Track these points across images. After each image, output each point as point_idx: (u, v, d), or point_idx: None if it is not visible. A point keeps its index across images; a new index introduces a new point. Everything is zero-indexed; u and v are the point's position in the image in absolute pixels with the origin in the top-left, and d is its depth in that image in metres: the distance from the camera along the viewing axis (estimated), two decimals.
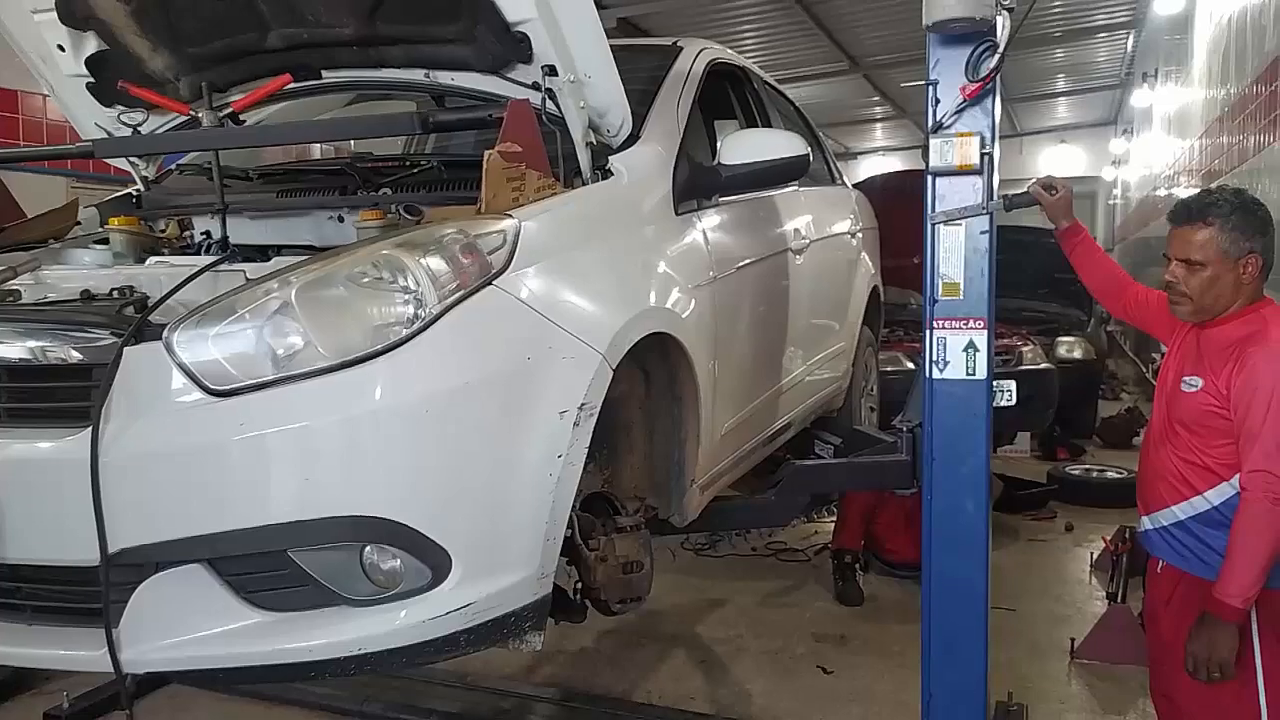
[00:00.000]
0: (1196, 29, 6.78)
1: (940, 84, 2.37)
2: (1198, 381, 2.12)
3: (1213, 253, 2.08)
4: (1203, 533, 2.13)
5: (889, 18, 9.66)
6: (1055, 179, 2.50)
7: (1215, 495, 2.10)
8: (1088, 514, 5.58)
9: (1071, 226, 2.50)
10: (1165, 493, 2.19)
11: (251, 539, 1.63)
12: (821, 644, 3.84)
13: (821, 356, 3.62)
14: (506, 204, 1.92)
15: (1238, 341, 2.07)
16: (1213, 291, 2.10)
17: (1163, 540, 2.22)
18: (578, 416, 1.82)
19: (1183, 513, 2.16)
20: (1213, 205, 2.09)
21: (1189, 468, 2.14)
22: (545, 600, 1.85)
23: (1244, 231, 2.07)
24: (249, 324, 1.65)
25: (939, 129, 2.37)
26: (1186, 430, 2.14)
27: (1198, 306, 2.13)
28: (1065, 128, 17.51)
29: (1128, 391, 9.74)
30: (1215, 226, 2.08)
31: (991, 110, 2.37)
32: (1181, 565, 2.18)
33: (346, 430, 1.63)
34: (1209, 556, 2.10)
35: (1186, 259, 2.11)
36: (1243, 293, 2.11)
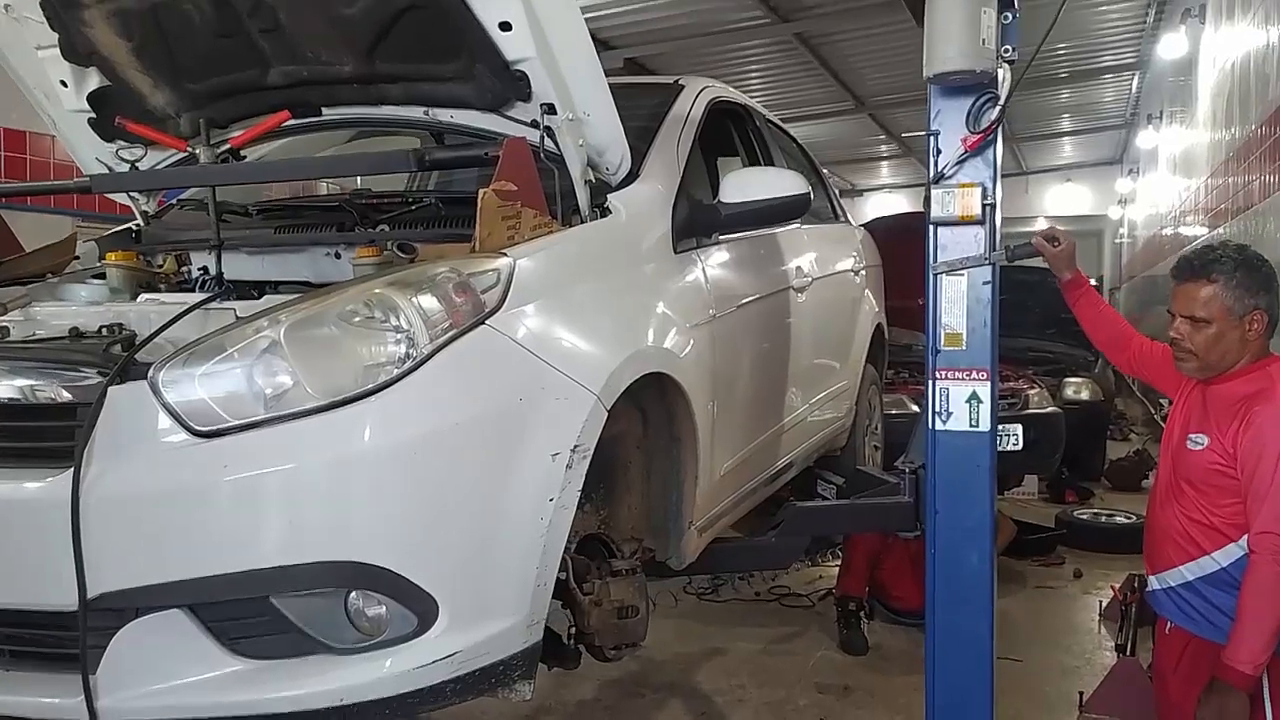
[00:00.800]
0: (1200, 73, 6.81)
1: (942, 134, 2.38)
2: (1204, 439, 2.09)
3: (1217, 309, 2.07)
4: (1211, 594, 2.08)
5: (893, 59, 9.72)
6: (1058, 230, 2.50)
7: (1223, 556, 2.07)
8: (1096, 560, 5.50)
9: (1074, 278, 2.48)
10: (1172, 552, 2.15)
11: (234, 585, 1.59)
12: (825, 695, 3.75)
13: (824, 395, 3.59)
14: (501, 242, 1.90)
15: (1244, 399, 2.05)
16: (1219, 348, 2.08)
17: (1170, 601, 2.17)
18: (570, 459, 1.79)
19: (1190, 573, 2.12)
20: (1216, 262, 2.08)
21: (1196, 527, 2.10)
22: (535, 648, 1.80)
23: (1248, 288, 2.06)
24: (237, 363, 1.63)
25: (941, 179, 2.38)
26: (1193, 489, 2.11)
27: (1204, 363, 2.11)
28: (1071, 166, 17.57)
29: (1136, 432, 9.66)
30: (1219, 283, 2.07)
31: (993, 161, 2.37)
32: (1190, 627, 2.13)
33: (333, 473, 1.60)
34: (1217, 619, 2.06)
35: (1191, 315, 2.10)
36: (1248, 349, 2.09)
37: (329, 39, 2.20)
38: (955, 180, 2.36)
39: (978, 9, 2.20)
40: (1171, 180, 9.01)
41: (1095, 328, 2.52)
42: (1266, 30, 4.12)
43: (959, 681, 2.42)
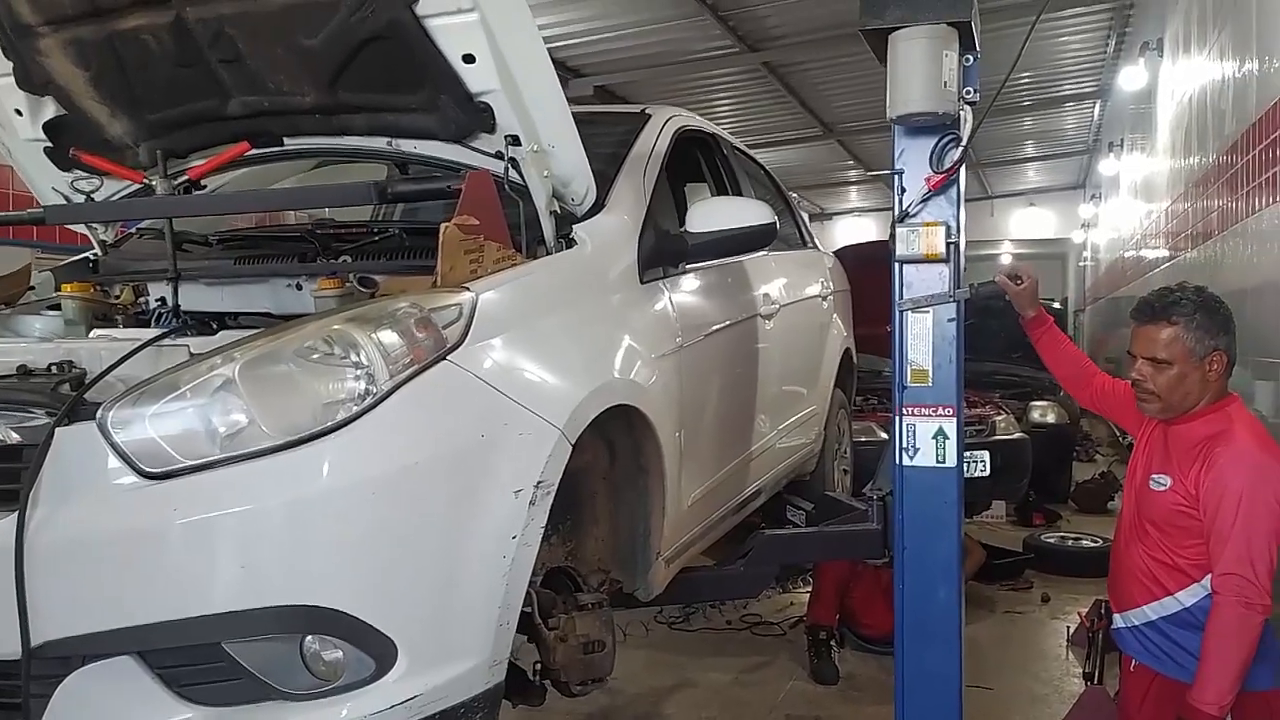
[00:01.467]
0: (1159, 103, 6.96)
1: (906, 173, 2.41)
2: (1166, 480, 2.11)
3: (1178, 351, 2.09)
4: (1175, 633, 2.10)
5: (859, 87, 9.86)
6: (1020, 267, 2.53)
7: (1187, 596, 2.08)
8: (1064, 584, 5.52)
9: (1037, 316, 2.52)
10: (1137, 592, 2.17)
11: (185, 631, 1.54)
12: None
13: (793, 421, 3.58)
14: (464, 276, 1.88)
15: (1205, 440, 2.07)
16: (1180, 389, 2.11)
17: (1135, 640, 2.19)
18: (534, 495, 1.76)
19: (1154, 613, 2.14)
20: (1175, 305, 2.11)
21: (1160, 567, 2.12)
22: (498, 689, 1.77)
23: (1208, 330, 2.09)
24: (190, 402, 1.59)
25: (905, 218, 2.39)
26: (1156, 529, 2.13)
27: (1166, 404, 2.13)
28: (1035, 191, 17.89)
29: (1101, 454, 9.75)
30: (1180, 325, 2.09)
31: (956, 200, 2.40)
32: (1154, 665, 2.14)
33: (288, 515, 1.56)
34: (1182, 657, 2.07)
35: (1153, 357, 2.12)
36: (1209, 390, 2.11)
37: (290, 69, 2.18)
38: (920, 219, 2.39)
39: (939, 52, 2.24)
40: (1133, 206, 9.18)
41: (1057, 364, 2.55)
42: (1221, 65, 4.22)
43: (928, 716, 2.42)
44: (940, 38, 2.25)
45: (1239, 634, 1.95)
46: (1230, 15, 4.02)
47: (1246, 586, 1.95)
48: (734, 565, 2.93)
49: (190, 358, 1.72)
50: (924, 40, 2.24)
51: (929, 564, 2.43)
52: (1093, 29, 9.18)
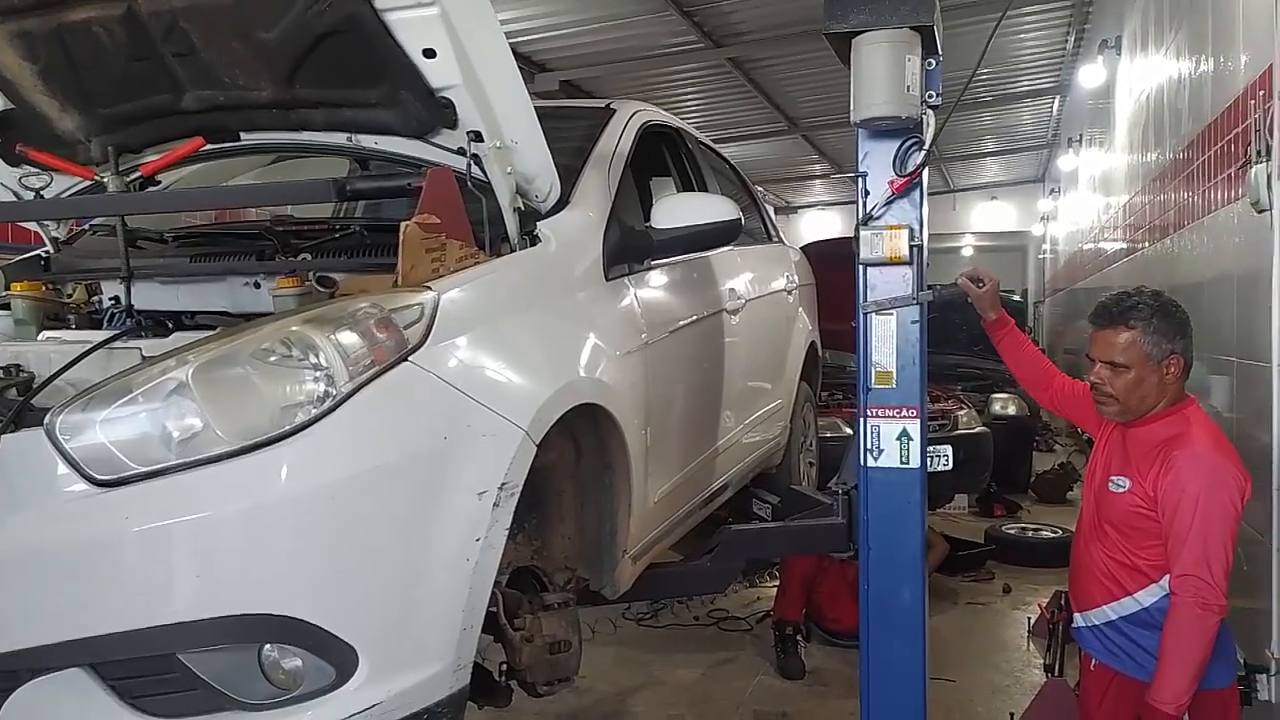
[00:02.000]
0: (1117, 101, 7.05)
1: (870, 176, 2.42)
2: (1125, 482, 2.14)
3: (1136, 355, 2.11)
4: (1134, 633, 2.13)
5: (823, 83, 9.88)
6: (982, 271, 2.56)
7: (1146, 596, 2.11)
8: (1025, 574, 5.61)
9: (999, 318, 2.54)
10: (1096, 592, 2.19)
11: (138, 642, 1.51)
12: None
13: (759, 415, 3.58)
14: (426, 275, 1.85)
15: (1163, 443, 2.09)
16: (1138, 393, 2.13)
17: (1095, 639, 2.22)
18: (498, 497, 1.74)
19: (1114, 612, 2.17)
20: (1133, 309, 2.13)
21: (1119, 568, 2.15)
22: (462, 693, 1.74)
23: (1165, 334, 2.11)
24: (142, 407, 1.55)
25: (869, 220, 2.40)
26: (1115, 530, 2.15)
27: (1124, 407, 2.16)
28: (996, 185, 18.07)
29: (1060, 444, 9.91)
30: (1137, 329, 2.12)
31: (919, 203, 2.42)
32: (1114, 664, 2.17)
33: (245, 521, 1.53)
34: (1141, 657, 2.10)
35: (1111, 361, 2.15)
36: (1166, 393, 2.14)
37: (247, 64, 2.13)
38: (883, 222, 2.40)
39: (902, 56, 2.25)
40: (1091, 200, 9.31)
41: (1018, 366, 2.58)
42: (1178, 65, 4.28)
43: (893, 710, 2.44)
44: (903, 42, 2.26)
45: (1196, 634, 1.97)
46: (1187, 15, 4.08)
47: (1203, 588, 1.97)
48: (700, 561, 2.93)
49: (143, 360, 1.68)
50: (887, 45, 2.26)
51: (893, 563, 2.44)
52: (1052, 26, 9.28)
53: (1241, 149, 2.77)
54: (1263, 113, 2.54)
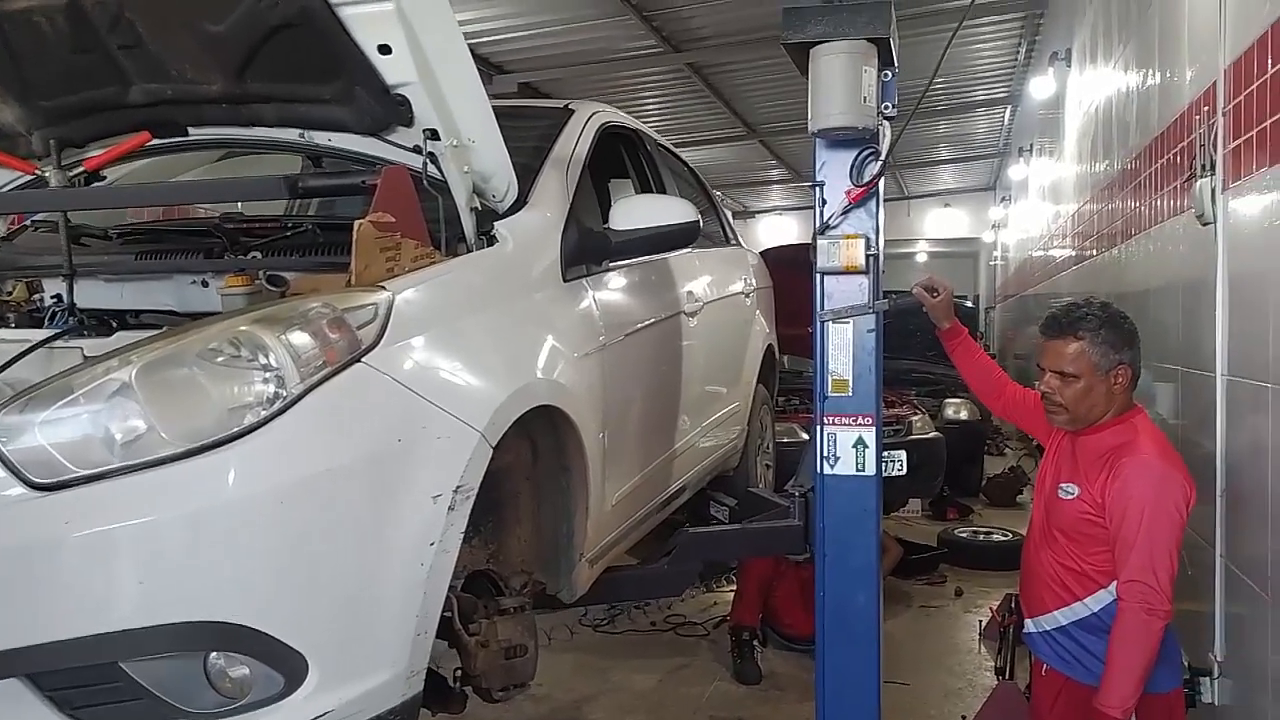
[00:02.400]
0: (1067, 112, 7.20)
1: (827, 185, 2.44)
2: (1074, 489, 2.17)
3: (1084, 365, 2.15)
4: (1083, 638, 2.16)
5: (781, 90, 9.96)
6: (936, 280, 2.58)
7: (1094, 602, 2.14)
8: (976, 577, 5.68)
9: (952, 327, 2.57)
10: (1047, 597, 2.22)
11: (78, 651, 1.46)
12: None
13: (716, 418, 3.59)
14: (380, 275, 1.82)
15: (1111, 451, 2.12)
16: (1087, 402, 2.16)
17: (1046, 645, 2.24)
18: (453, 500, 1.71)
19: (1064, 618, 2.20)
20: (1082, 320, 2.17)
21: (1068, 574, 2.18)
22: (415, 700, 1.72)
23: (1113, 344, 2.15)
24: (84, 408, 1.50)
25: (826, 229, 2.41)
26: (1065, 536, 2.18)
27: (1073, 416, 2.19)
28: (949, 192, 18.37)
29: (1010, 448, 10.07)
30: (1086, 340, 2.15)
31: (876, 213, 2.44)
32: (1064, 670, 2.20)
33: (190, 526, 1.49)
34: (1090, 662, 2.13)
35: (1060, 371, 2.18)
36: (1114, 402, 2.17)
37: (196, 57, 2.07)
38: (840, 231, 2.42)
39: (859, 68, 2.27)
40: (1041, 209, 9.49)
41: (971, 375, 2.61)
42: (1126, 78, 4.38)
43: (848, 715, 2.46)
44: (860, 54, 2.28)
45: (1142, 639, 2.00)
46: (1135, 31, 4.16)
47: (1149, 593, 2.00)
48: (658, 564, 2.92)
49: (84, 360, 1.63)
50: (844, 56, 2.28)
51: (849, 569, 2.47)
52: (1004, 38, 9.45)
53: (1187, 162, 2.83)
54: (1207, 128, 2.60)
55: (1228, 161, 2.47)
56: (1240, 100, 2.35)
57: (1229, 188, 2.47)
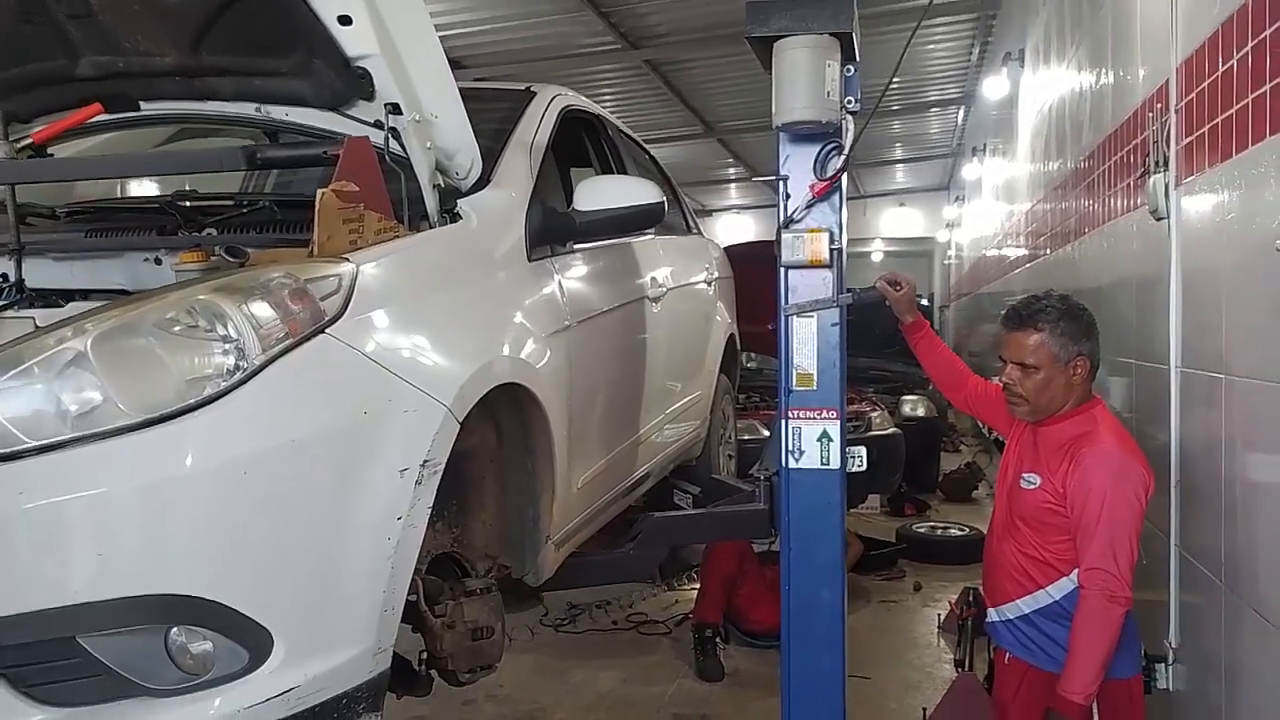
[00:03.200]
0: (1020, 111, 7.31)
1: (791, 179, 2.44)
2: (1036, 479, 2.19)
3: (1044, 356, 2.18)
4: (1046, 626, 2.19)
5: (739, 88, 9.99)
6: (900, 275, 2.60)
7: (1056, 590, 2.17)
8: (934, 572, 5.75)
9: (915, 321, 2.60)
10: (1009, 586, 2.25)
11: (33, 625, 1.41)
12: None
13: (679, 405, 3.57)
14: (343, 247, 1.77)
15: (1071, 440, 2.15)
16: (1047, 393, 2.19)
17: (1009, 633, 2.26)
18: (420, 474, 1.68)
19: (1026, 606, 2.22)
20: (1041, 312, 2.20)
21: (1030, 562, 2.20)
22: (383, 677, 1.68)
23: (1072, 336, 2.18)
24: (37, 378, 1.45)
25: (790, 224, 2.41)
26: (1027, 525, 2.21)
27: (1034, 407, 2.22)
28: (904, 191, 18.59)
29: (966, 444, 10.22)
30: (1045, 332, 2.18)
31: (839, 207, 2.44)
32: (1027, 658, 2.22)
33: (149, 498, 1.44)
34: (1053, 649, 2.16)
35: (1021, 362, 2.21)
36: (1074, 393, 2.20)
37: (148, 27, 2.01)
38: (804, 225, 2.42)
39: (822, 62, 2.27)
40: (994, 208, 9.63)
41: (933, 368, 2.63)
42: (1079, 77, 4.45)
43: (813, 711, 2.45)
44: (823, 48, 2.28)
45: (1103, 625, 2.03)
46: (1087, 31, 4.23)
47: (1110, 580, 2.03)
48: (624, 549, 2.90)
49: (36, 330, 1.57)
50: (807, 50, 2.28)
51: (814, 563, 2.46)
52: (958, 38, 9.58)
53: (1140, 159, 2.88)
54: (1160, 125, 2.64)
55: (1180, 158, 2.51)
56: (1192, 98, 2.39)
57: (1181, 183, 2.50)
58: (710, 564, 4.44)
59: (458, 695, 4.00)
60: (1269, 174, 1.91)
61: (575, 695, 4.06)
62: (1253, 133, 1.98)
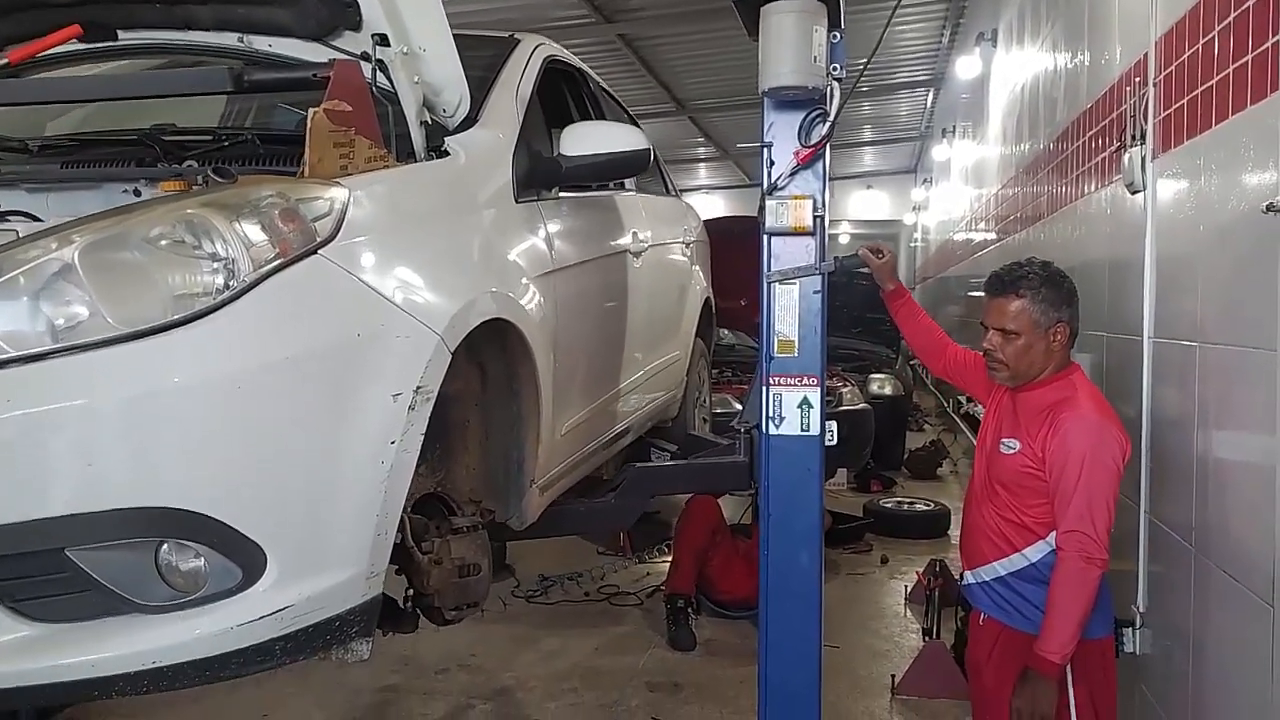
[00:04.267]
0: (992, 92, 7.36)
1: (775, 146, 2.43)
2: (1015, 444, 2.21)
3: (1025, 322, 2.19)
4: (1022, 588, 2.22)
5: (712, 65, 9.95)
6: (882, 244, 2.62)
7: (1033, 553, 2.20)
8: (900, 546, 5.84)
9: (896, 289, 2.62)
10: (987, 549, 2.27)
11: (19, 536, 1.38)
12: (656, 693, 3.78)
13: (658, 364, 3.58)
14: (333, 171, 1.74)
15: (1050, 406, 2.17)
16: (1027, 358, 2.21)
17: (985, 595, 2.29)
18: (413, 400, 1.66)
19: (1003, 569, 2.25)
20: (1023, 279, 2.21)
21: (1008, 526, 2.22)
22: (375, 602, 1.67)
23: (1052, 303, 2.20)
24: (21, 290, 1.41)
25: (774, 190, 2.41)
26: (1005, 490, 2.23)
27: (1014, 372, 2.23)
28: (872, 174, 18.65)
29: (930, 424, 10.35)
30: (1027, 298, 2.20)
31: (823, 174, 2.44)
32: (1003, 619, 2.25)
33: (139, 409, 1.41)
34: (1028, 610, 2.19)
35: (1002, 328, 2.22)
36: (1053, 359, 2.22)
37: None
38: (788, 192, 2.42)
39: (809, 27, 2.27)
40: (963, 190, 9.71)
41: (913, 335, 2.65)
42: (1054, 55, 4.48)
43: (789, 673, 2.48)
44: (810, 12, 2.28)
45: (1080, 587, 2.06)
46: (1063, 9, 4.26)
47: (1087, 542, 2.06)
48: (605, 497, 2.90)
49: (18, 239, 1.52)
50: (795, 14, 2.27)
51: (793, 529, 2.47)
52: (928, 19, 9.61)
53: (1116, 134, 2.91)
54: (1138, 99, 2.67)
55: (1158, 130, 2.54)
56: (1172, 70, 2.41)
57: (1159, 156, 2.54)
58: (682, 536, 4.47)
59: (431, 664, 4.02)
60: (1250, 143, 1.94)
61: (548, 664, 4.07)
62: (1233, 103, 2.01)
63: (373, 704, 3.69)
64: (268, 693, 3.78)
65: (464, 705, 3.67)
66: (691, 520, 4.49)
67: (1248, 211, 1.92)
